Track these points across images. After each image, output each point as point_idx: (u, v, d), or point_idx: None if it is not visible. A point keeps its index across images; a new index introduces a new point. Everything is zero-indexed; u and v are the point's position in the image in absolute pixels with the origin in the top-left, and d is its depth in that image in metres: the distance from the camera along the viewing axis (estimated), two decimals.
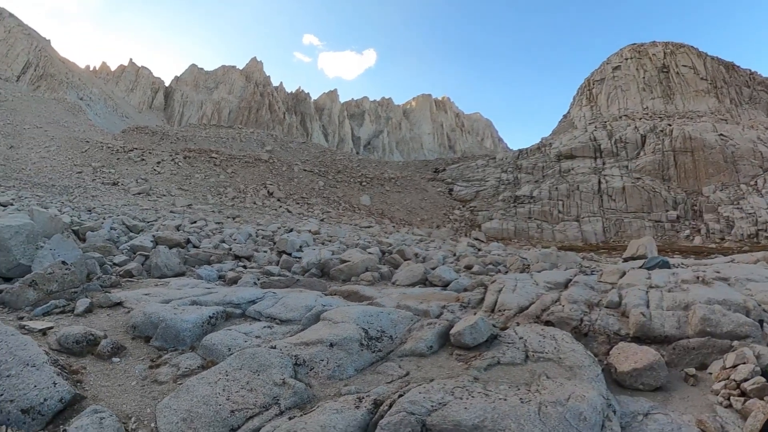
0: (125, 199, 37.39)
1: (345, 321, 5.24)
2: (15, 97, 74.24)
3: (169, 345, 5.04)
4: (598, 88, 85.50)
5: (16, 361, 3.79)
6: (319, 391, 4.06)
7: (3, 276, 7.25)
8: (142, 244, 13.50)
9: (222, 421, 3.42)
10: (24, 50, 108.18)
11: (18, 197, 28.52)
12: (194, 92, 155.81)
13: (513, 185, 61.74)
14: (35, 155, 48.79)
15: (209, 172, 53.18)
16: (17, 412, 3.36)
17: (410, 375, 4.43)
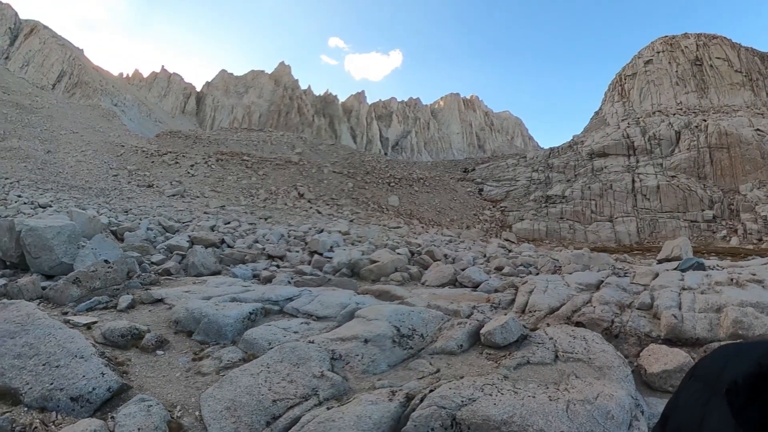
0: (160, 200, 38.39)
1: (378, 319, 5.40)
2: (51, 104, 76.76)
3: (211, 339, 5.28)
4: (630, 83, 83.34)
5: (64, 352, 4.02)
6: (354, 384, 4.23)
7: (46, 274, 7.59)
8: (179, 244, 13.92)
9: (264, 410, 3.62)
10: (58, 60, 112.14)
11: (56, 199, 29.57)
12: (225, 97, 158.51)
13: (544, 185, 60.84)
14: (72, 159, 50.41)
15: (241, 174, 54.11)
16: (66, 400, 3.59)
17: (441, 372, 4.55)
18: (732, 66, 75.48)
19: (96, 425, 3.18)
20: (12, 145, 50.02)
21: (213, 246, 15.00)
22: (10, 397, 3.57)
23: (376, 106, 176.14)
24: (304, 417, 3.54)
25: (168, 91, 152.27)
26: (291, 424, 3.49)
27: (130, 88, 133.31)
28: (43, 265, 7.66)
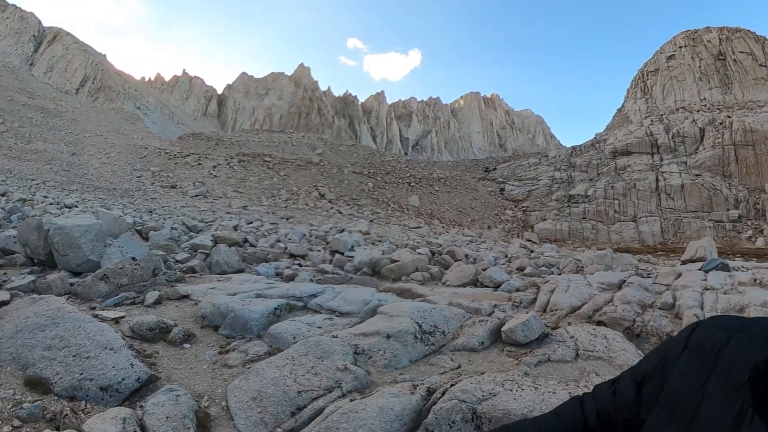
0: (184, 201, 39.03)
1: (400, 315, 5.45)
2: (75, 108, 78.61)
3: (237, 333, 5.39)
4: (652, 80, 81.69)
5: (94, 344, 4.14)
6: (376, 378, 4.30)
7: (73, 271, 7.79)
8: (203, 243, 14.17)
9: (289, 401, 3.70)
10: (81, 65, 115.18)
11: (81, 200, 30.30)
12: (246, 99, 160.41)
13: (567, 184, 60.19)
14: (96, 161, 51.54)
15: (263, 175, 54.70)
16: (96, 390, 3.70)
17: (462, 368, 4.60)
18: (756, 60, 73.64)
19: (125, 413, 3.26)
20: (38, 148, 51.34)
21: (236, 245, 15.23)
22: (40, 387, 3.69)
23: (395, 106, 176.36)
24: (327, 408, 3.61)
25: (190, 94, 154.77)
26: (315, 415, 3.56)
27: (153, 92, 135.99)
28: (70, 263, 7.87)
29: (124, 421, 3.16)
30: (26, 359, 4.00)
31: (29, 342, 4.19)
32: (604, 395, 1.16)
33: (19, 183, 35.90)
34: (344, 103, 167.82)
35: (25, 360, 4.00)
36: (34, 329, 4.34)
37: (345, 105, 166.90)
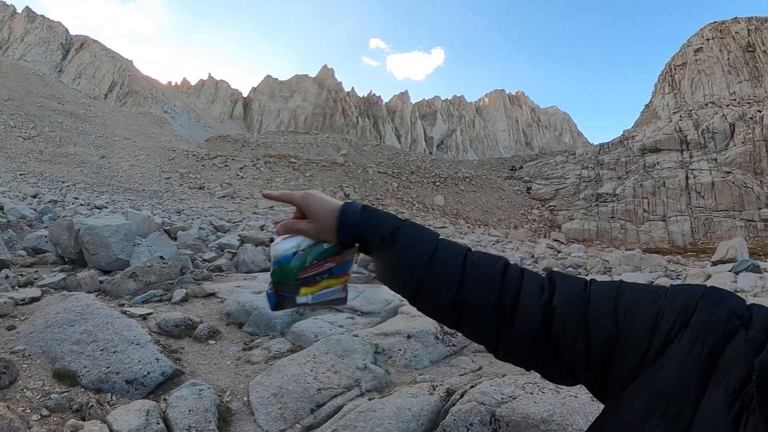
0: (211, 201, 39.67)
1: (421, 315, 5.45)
2: (104, 112, 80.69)
3: (261, 331, 5.49)
4: (680, 74, 79.45)
5: (121, 339, 4.26)
6: (396, 377, 4.31)
7: (103, 269, 7.97)
8: (229, 243, 14.35)
9: (309, 398, 3.75)
10: (109, 71, 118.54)
11: (111, 201, 31.13)
12: (271, 101, 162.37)
13: (594, 182, 59.15)
14: (125, 164, 52.78)
15: (288, 176, 55.24)
16: (122, 383, 3.81)
17: (483, 370, 4.56)
18: None
19: (149, 405, 3.36)
20: (68, 152, 52.88)
21: (262, 244, 15.38)
22: (68, 379, 3.82)
23: (419, 106, 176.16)
24: (346, 406, 3.64)
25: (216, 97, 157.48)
26: (334, 412, 3.60)
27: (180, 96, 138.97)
28: (100, 261, 8.06)
29: (147, 413, 3.26)
30: (55, 352, 4.13)
31: (58, 336, 4.32)
32: (575, 300, 0.92)
33: (50, 185, 37.04)
34: (368, 103, 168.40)
35: (54, 353, 4.13)
36: (63, 324, 4.47)
37: (369, 105, 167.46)
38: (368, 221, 1.11)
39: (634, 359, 0.82)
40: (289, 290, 1.13)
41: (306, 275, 1.11)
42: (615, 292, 0.91)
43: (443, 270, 1.03)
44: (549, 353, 0.92)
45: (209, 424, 3.36)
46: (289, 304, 1.14)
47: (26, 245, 9.28)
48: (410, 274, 1.06)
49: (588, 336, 0.87)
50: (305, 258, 1.11)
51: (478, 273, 1.02)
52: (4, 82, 72.15)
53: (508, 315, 0.96)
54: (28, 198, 25.89)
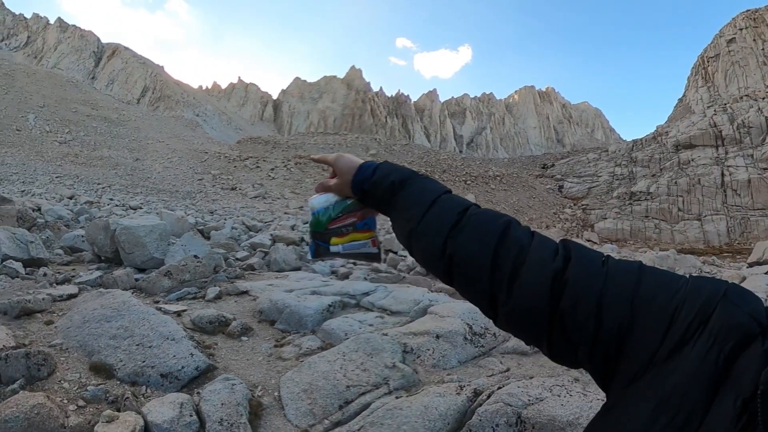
0: (243, 202, 40.31)
1: (451, 315, 5.43)
2: (137, 117, 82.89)
3: (292, 328, 5.57)
4: (713, 66, 75.97)
5: (157, 335, 4.39)
6: (423, 377, 4.32)
7: (138, 267, 8.19)
8: (261, 242, 14.56)
9: (338, 394, 3.79)
10: (141, 77, 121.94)
11: (146, 202, 31.99)
12: (300, 103, 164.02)
13: (628, 180, 57.75)
14: (159, 166, 54.06)
15: (318, 176, 55.62)
16: (157, 376, 3.93)
17: (511, 371, 4.54)
18: None
19: (184, 398, 3.47)
20: (103, 155, 54.50)
21: (293, 244, 15.58)
22: (104, 372, 3.97)
23: (448, 104, 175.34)
24: (374, 404, 3.68)
25: (246, 100, 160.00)
26: (362, 409, 3.64)
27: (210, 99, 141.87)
28: (136, 260, 8.29)
29: (181, 405, 3.35)
30: (92, 347, 4.28)
31: (95, 331, 4.48)
32: (593, 272, 0.85)
33: (86, 187, 38.26)
34: (396, 103, 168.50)
35: (91, 347, 4.28)
36: (100, 320, 4.63)
37: (397, 105, 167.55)
38: (382, 171, 1.17)
39: (645, 354, 0.77)
40: (323, 239, 1.29)
41: (334, 226, 1.27)
42: (635, 276, 0.84)
43: (438, 215, 1.02)
44: (555, 327, 0.85)
45: (240, 418, 3.43)
46: (324, 252, 1.30)
47: (63, 244, 9.59)
48: (409, 217, 1.07)
49: (599, 319, 0.81)
50: (332, 211, 1.27)
51: (475, 225, 0.98)
52: (39, 90, 74.75)
53: (509, 276, 0.90)
54: (65, 199, 26.79)
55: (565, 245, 0.92)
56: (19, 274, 6.89)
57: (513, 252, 0.91)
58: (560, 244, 0.93)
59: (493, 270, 0.91)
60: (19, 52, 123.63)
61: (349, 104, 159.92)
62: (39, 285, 6.49)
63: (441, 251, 0.98)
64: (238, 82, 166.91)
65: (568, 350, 0.86)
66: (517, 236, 0.94)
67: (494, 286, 0.91)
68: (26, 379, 3.62)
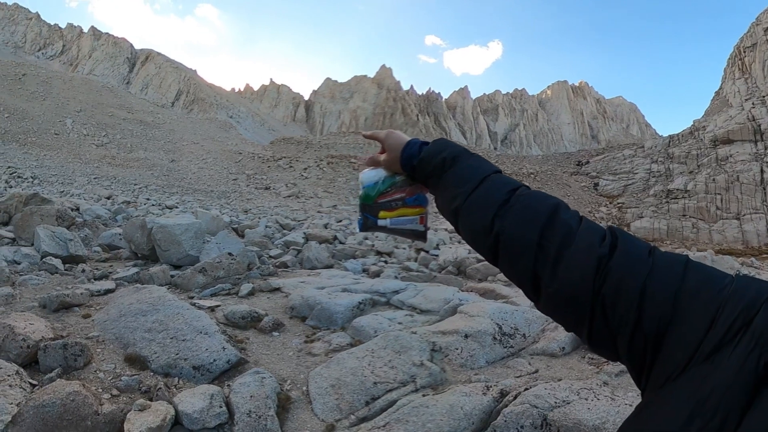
0: (277, 201, 40.84)
1: (480, 315, 5.40)
2: (172, 119, 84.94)
3: (323, 325, 5.65)
4: (750, 56, 71.37)
5: (190, 329, 4.51)
6: (451, 376, 4.31)
7: (174, 264, 8.43)
8: (295, 240, 14.73)
9: (365, 391, 3.82)
10: (175, 81, 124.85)
11: (181, 201, 32.74)
12: (331, 103, 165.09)
13: (665, 177, 56.02)
14: (194, 166, 55.25)
15: (350, 175, 55.97)
16: (189, 368, 4.05)
17: (539, 372, 4.50)
18: None
19: (214, 390, 3.57)
20: (139, 156, 56.02)
21: (326, 242, 15.73)
22: (139, 363, 4.12)
23: (480, 101, 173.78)
24: (400, 401, 3.69)
25: (278, 101, 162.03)
26: (388, 406, 3.66)
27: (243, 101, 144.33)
28: (171, 257, 8.52)
29: (211, 396, 3.45)
30: (127, 339, 4.44)
31: (131, 324, 4.64)
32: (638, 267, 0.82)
33: (123, 187, 39.45)
34: (427, 101, 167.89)
35: (126, 340, 4.44)
36: (136, 314, 4.80)
37: (428, 103, 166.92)
38: (434, 148, 1.18)
39: (683, 352, 0.74)
40: (372, 212, 1.32)
41: (383, 200, 1.30)
42: (681, 269, 0.81)
43: (488, 193, 1.02)
44: (596, 314, 0.83)
45: (268, 410, 3.50)
46: (372, 225, 1.33)
47: (101, 242, 9.90)
48: (457, 194, 1.07)
49: (640, 309, 0.79)
50: (381, 185, 1.30)
51: (524, 204, 0.97)
52: (76, 95, 77.29)
53: (554, 258, 0.89)
54: (103, 199, 27.70)
55: (613, 232, 0.90)
56: (59, 270, 7.16)
57: (560, 234, 0.90)
58: (608, 231, 0.91)
59: (539, 250, 0.90)
60: (55, 61, 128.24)
61: (380, 103, 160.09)
62: (77, 280, 6.73)
63: (488, 228, 0.98)
64: (270, 84, 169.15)
65: (608, 339, 0.84)
66: (565, 219, 0.93)
67: (538, 267, 0.90)
68: (63, 369, 3.80)
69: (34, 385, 3.52)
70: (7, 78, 75.59)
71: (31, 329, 4.12)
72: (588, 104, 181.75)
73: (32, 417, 3.00)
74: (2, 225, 9.71)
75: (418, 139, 1.26)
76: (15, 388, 3.30)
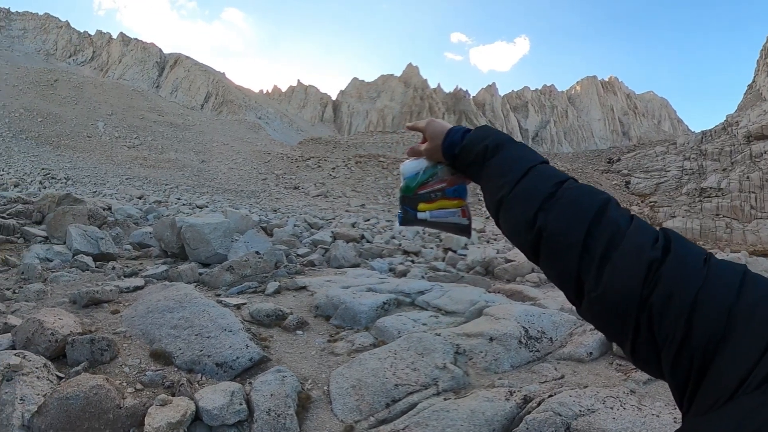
0: (305, 200, 41.18)
1: (506, 318, 5.30)
2: (201, 121, 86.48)
3: (346, 324, 5.63)
4: None
5: (215, 326, 4.58)
6: (474, 380, 4.24)
7: (202, 262, 8.56)
8: (322, 239, 14.82)
9: (386, 392, 3.79)
10: (203, 84, 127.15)
11: (212, 201, 33.28)
12: (359, 103, 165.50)
13: (698, 175, 54.25)
14: (224, 167, 56.11)
15: (378, 175, 56.04)
16: (212, 365, 4.10)
17: (565, 378, 4.40)
18: None
19: (235, 387, 3.60)
20: (170, 157, 57.20)
21: (353, 241, 15.78)
22: (163, 359, 4.21)
23: (509, 97, 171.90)
24: (421, 404, 3.64)
25: (306, 102, 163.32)
26: (408, 409, 3.62)
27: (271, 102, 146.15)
28: (200, 255, 8.66)
29: (232, 394, 3.48)
30: (153, 335, 4.53)
31: (158, 321, 4.74)
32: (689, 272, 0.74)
33: (155, 187, 40.33)
34: (455, 98, 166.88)
35: (152, 336, 4.53)
36: (163, 311, 4.90)
37: (456, 100, 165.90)
38: (477, 135, 1.13)
39: (734, 377, 0.65)
40: (412, 205, 1.27)
41: (423, 191, 1.25)
42: (738, 282, 0.72)
43: (533, 185, 0.96)
44: (642, 324, 0.76)
45: (288, 409, 3.51)
46: (412, 219, 1.28)
47: (132, 241, 10.13)
48: (500, 185, 1.01)
49: (690, 322, 0.71)
50: (422, 176, 1.25)
51: (570, 199, 0.90)
52: (107, 99, 79.35)
53: (600, 258, 0.81)
54: (134, 199, 28.36)
55: (666, 234, 0.82)
56: (89, 268, 7.36)
57: (608, 233, 0.83)
58: (660, 233, 0.83)
59: (584, 250, 0.83)
60: (85, 67, 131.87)
61: (407, 102, 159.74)
62: (107, 277, 6.90)
63: (531, 223, 0.91)
64: (298, 85, 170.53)
65: (653, 353, 0.77)
66: (614, 217, 0.86)
67: (582, 268, 0.83)
68: (90, 362, 3.92)
69: (61, 378, 3.65)
70: (39, 84, 78.07)
71: (59, 324, 4.26)
72: (618, 100, 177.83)
73: (56, 408, 3.11)
74: (36, 224, 10.01)
75: (461, 126, 1.20)
76: (42, 380, 3.43)
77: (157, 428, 3.06)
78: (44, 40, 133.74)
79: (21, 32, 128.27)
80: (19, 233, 8.95)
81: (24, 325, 4.20)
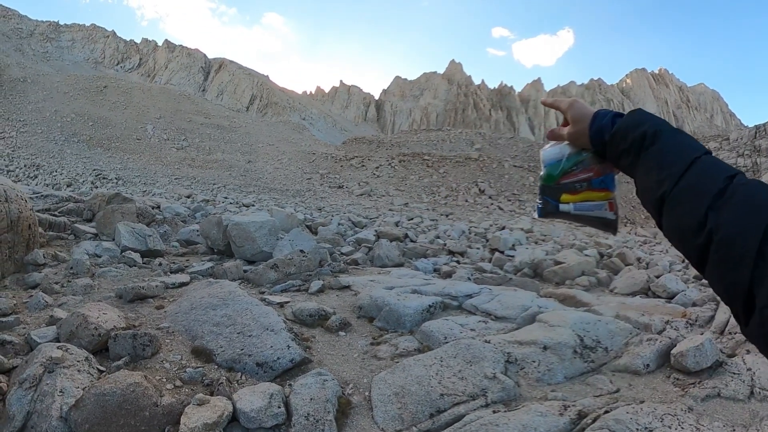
0: (349, 199, 41.37)
1: (561, 325, 5.04)
2: (247, 123, 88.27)
3: (390, 327, 5.46)
4: None
5: (257, 325, 4.54)
6: (525, 391, 4.02)
7: (248, 260, 8.62)
8: (366, 238, 14.77)
9: (431, 402, 3.60)
10: (248, 87, 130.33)
11: (258, 200, 33.88)
12: (402, 101, 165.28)
13: (752, 173, 50.99)
14: (270, 167, 57.07)
15: (422, 173, 55.75)
16: (252, 364, 4.04)
17: (620, 392, 4.14)
18: None
19: (274, 389, 3.51)
20: (217, 158, 58.69)
21: (397, 240, 15.68)
22: (204, 356, 4.19)
23: (554, 93, 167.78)
24: (468, 416, 3.46)
25: (349, 102, 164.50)
26: (454, 421, 3.43)
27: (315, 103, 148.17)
28: (245, 253, 8.74)
29: (271, 396, 3.40)
30: (196, 332, 4.53)
31: (201, 318, 4.74)
32: None
33: (203, 187, 41.42)
34: (500, 95, 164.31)
35: (194, 332, 4.53)
36: (206, 308, 4.90)
37: (501, 97, 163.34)
38: (631, 120, 1.01)
39: None
40: (553, 195, 1.17)
41: (566, 181, 1.14)
42: None
43: (700, 179, 0.82)
44: None
45: (327, 414, 3.40)
46: (553, 211, 1.18)
47: (179, 238, 10.32)
48: (662, 178, 0.87)
49: None
50: (565, 163, 1.14)
51: (744, 196, 0.76)
52: (155, 103, 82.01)
53: None
54: (183, 198, 29.19)
55: None
56: (137, 264, 7.51)
57: None
58: None
59: (759, 258, 0.69)
60: (133, 73, 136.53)
61: (451, 99, 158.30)
62: (154, 273, 7.00)
63: (700, 224, 0.78)
64: (341, 86, 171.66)
65: None
66: None
67: (756, 279, 0.68)
68: (131, 357, 3.95)
69: (102, 371, 3.69)
70: (89, 90, 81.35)
71: (103, 318, 4.31)
72: (671, 93, 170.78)
73: (93, 403, 3.11)
74: (86, 222, 10.32)
75: (608, 109, 1.10)
76: (83, 373, 3.47)
77: (192, 428, 3.01)
78: (92, 49, 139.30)
79: (69, 43, 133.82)
80: (69, 230, 9.21)
81: (69, 318, 4.26)
